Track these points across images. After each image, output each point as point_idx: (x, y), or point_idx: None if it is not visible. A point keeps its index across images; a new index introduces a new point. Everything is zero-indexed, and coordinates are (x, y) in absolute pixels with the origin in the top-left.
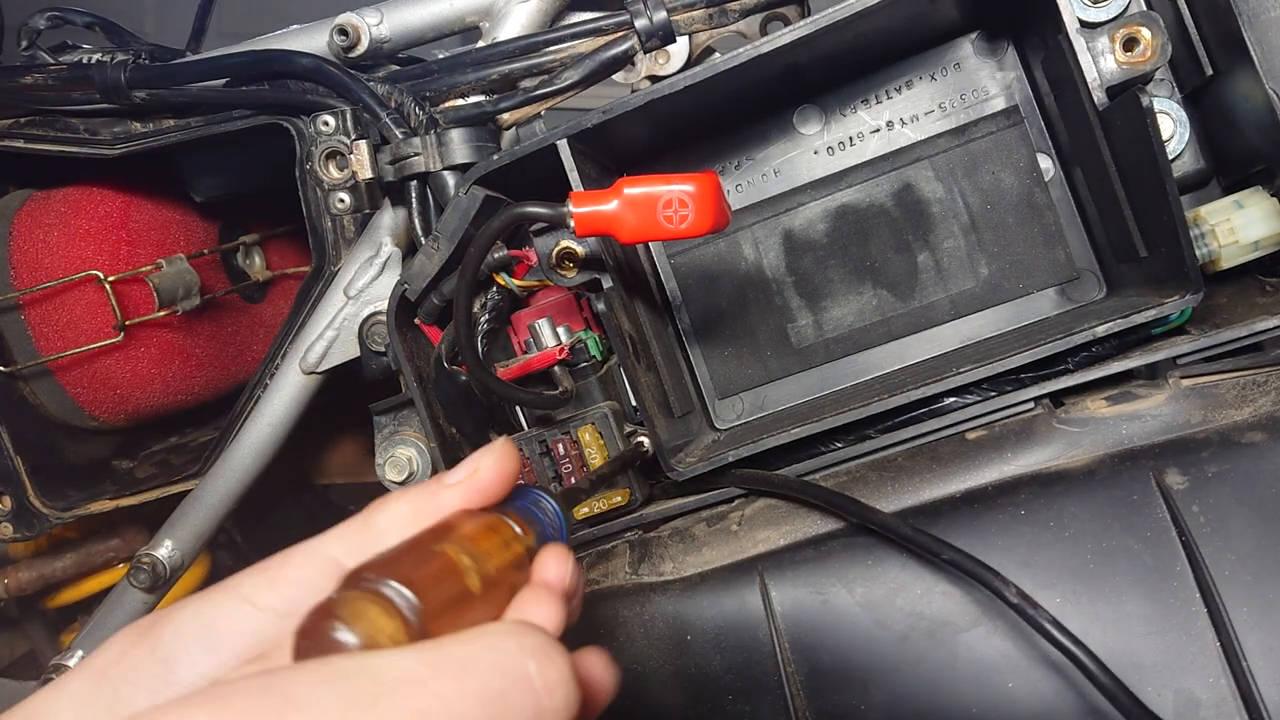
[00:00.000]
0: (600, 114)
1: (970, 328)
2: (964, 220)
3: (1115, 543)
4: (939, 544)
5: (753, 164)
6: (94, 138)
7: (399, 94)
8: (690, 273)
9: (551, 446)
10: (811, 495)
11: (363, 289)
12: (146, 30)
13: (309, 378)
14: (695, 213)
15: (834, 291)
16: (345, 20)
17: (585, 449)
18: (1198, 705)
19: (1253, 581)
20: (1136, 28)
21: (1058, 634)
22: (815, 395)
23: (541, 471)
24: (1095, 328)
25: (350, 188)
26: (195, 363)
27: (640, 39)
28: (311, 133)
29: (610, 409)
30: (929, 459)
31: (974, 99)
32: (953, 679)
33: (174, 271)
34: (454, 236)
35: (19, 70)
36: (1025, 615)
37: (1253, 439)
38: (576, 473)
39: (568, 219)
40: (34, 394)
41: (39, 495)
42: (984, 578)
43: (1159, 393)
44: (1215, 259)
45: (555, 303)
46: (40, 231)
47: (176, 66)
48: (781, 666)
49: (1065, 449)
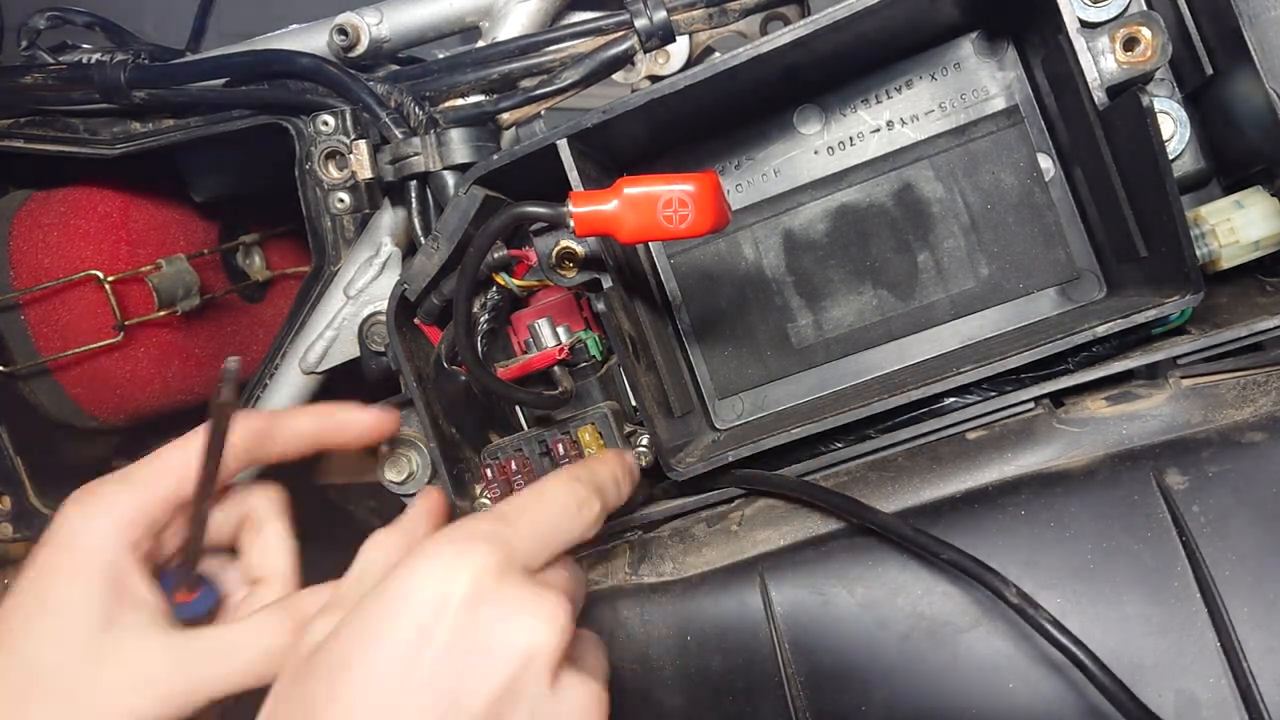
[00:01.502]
0: (600, 114)
1: (970, 328)
2: (964, 220)
3: (1116, 543)
4: (939, 544)
5: (753, 164)
6: (94, 138)
7: (399, 94)
8: (690, 273)
9: (551, 447)
10: (811, 496)
11: (362, 289)
12: (146, 30)
13: (309, 378)
14: (695, 213)
15: (834, 291)
16: (345, 20)
17: (585, 449)
18: (1198, 705)
19: (1253, 581)
20: (1137, 27)
21: (1058, 634)
22: (815, 395)
23: (541, 472)
24: (1095, 328)
25: (350, 188)
26: (195, 363)
27: (640, 39)
28: (311, 132)
29: (610, 409)
30: (929, 459)
31: (974, 99)
32: (953, 679)
33: (174, 271)
34: (454, 236)
35: (19, 70)
36: (1026, 615)
37: (1253, 439)
38: None
39: (567, 219)
40: (34, 394)
41: (39, 495)
42: (984, 578)
43: (1159, 393)
44: (1215, 259)
45: (555, 303)
46: (40, 231)
47: (176, 66)
48: (782, 667)
49: (1065, 449)
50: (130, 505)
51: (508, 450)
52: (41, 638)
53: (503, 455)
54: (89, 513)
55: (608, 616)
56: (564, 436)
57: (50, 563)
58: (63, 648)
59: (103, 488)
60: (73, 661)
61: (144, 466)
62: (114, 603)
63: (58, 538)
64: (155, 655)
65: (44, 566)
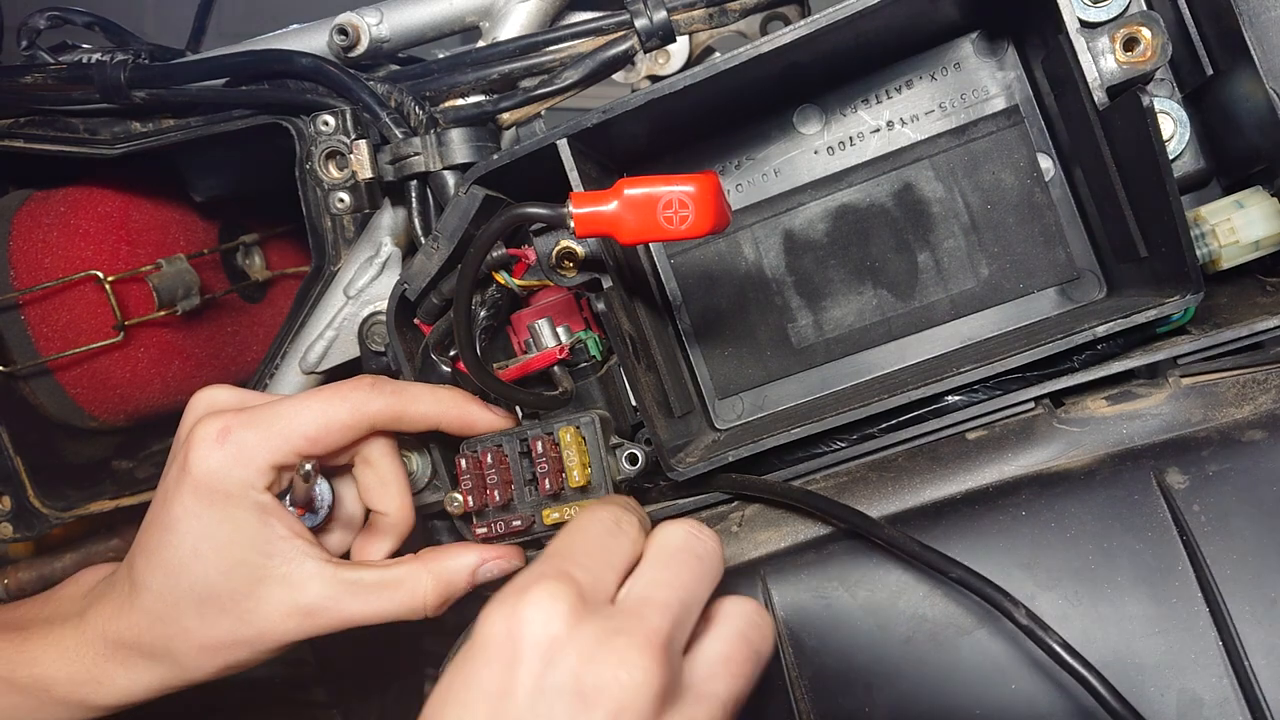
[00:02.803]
0: (600, 114)
1: (970, 328)
2: (964, 220)
3: (1116, 542)
4: (947, 561)
5: (753, 164)
6: (94, 138)
7: (399, 94)
8: (690, 273)
9: (531, 444)
10: (817, 507)
11: (362, 289)
12: (146, 30)
13: (309, 378)
14: (695, 213)
15: (834, 291)
16: (345, 20)
17: (564, 450)
18: (1200, 705)
19: (1254, 580)
20: (1137, 27)
21: (1069, 657)
22: (815, 395)
23: (519, 473)
24: (1095, 328)
25: (350, 187)
26: (195, 363)
27: (640, 39)
28: (311, 132)
29: (599, 416)
30: (929, 459)
31: (974, 99)
32: (956, 682)
33: (174, 271)
34: (454, 236)
35: (19, 70)
36: (1035, 638)
37: (1253, 437)
38: (553, 476)
39: (567, 220)
40: (34, 394)
41: (39, 495)
42: (993, 598)
43: (1159, 392)
44: (1215, 259)
45: (555, 303)
46: (40, 231)
47: (176, 66)
48: (785, 670)
49: (1066, 449)
50: (266, 455)
51: (487, 444)
52: (209, 561)
53: (481, 448)
54: (230, 457)
55: None
56: (546, 435)
57: (200, 501)
58: (232, 572)
59: (241, 434)
60: (242, 583)
61: (277, 418)
62: (270, 533)
63: (203, 478)
64: (313, 583)
65: (193, 504)
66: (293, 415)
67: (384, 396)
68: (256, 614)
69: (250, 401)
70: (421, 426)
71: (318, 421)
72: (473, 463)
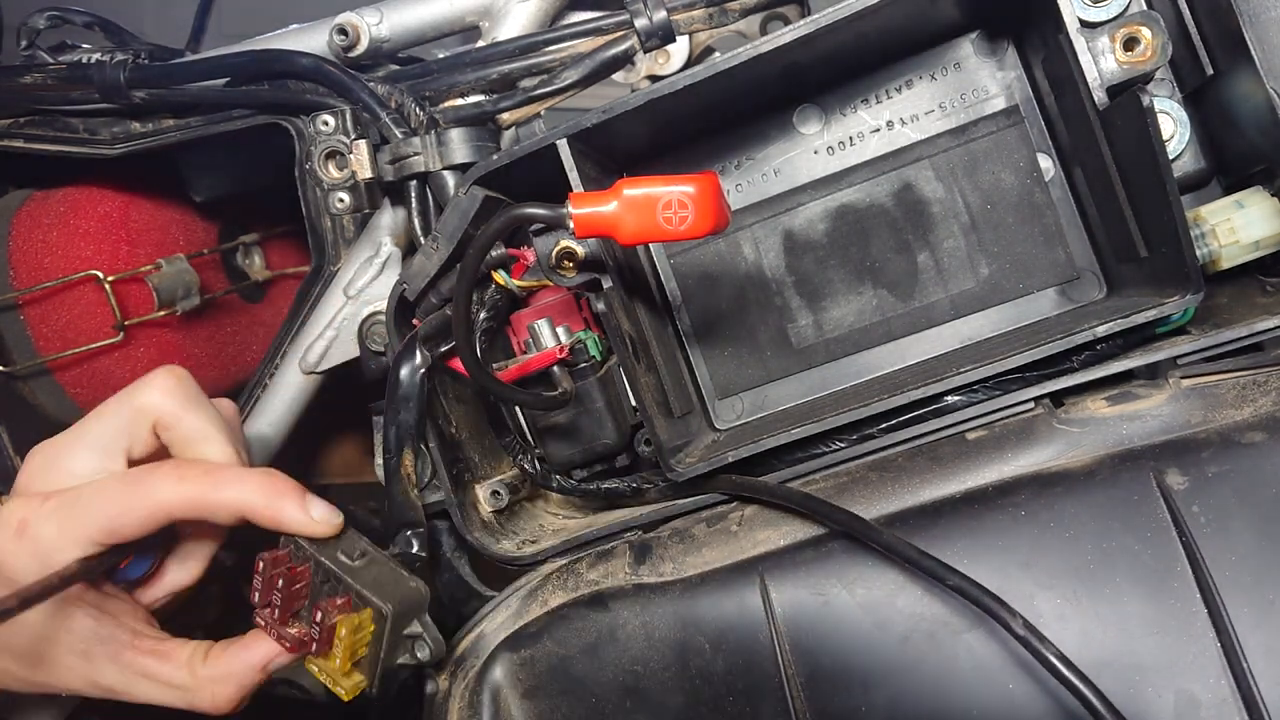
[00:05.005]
0: (600, 114)
1: (970, 328)
2: (964, 220)
3: (1115, 543)
4: (944, 569)
5: (753, 164)
6: (94, 138)
7: (399, 94)
8: (690, 273)
9: (313, 608)
10: (811, 509)
11: (362, 289)
12: (146, 30)
13: (308, 378)
14: (695, 214)
15: (834, 291)
16: (345, 20)
17: (337, 640)
18: (1198, 706)
19: (1253, 582)
20: (1137, 27)
21: (1065, 670)
22: (815, 395)
23: (315, 589)
24: (1095, 328)
25: (350, 187)
26: (195, 363)
27: (640, 39)
28: (311, 132)
29: (393, 612)
30: (929, 459)
31: (974, 99)
32: (953, 680)
33: (174, 271)
34: (453, 236)
35: (18, 70)
36: (1031, 649)
37: (1253, 439)
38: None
39: (567, 220)
40: (34, 394)
41: None
42: (990, 608)
43: (1159, 393)
44: (1215, 259)
45: (555, 303)
46: (40, 231)
47: (176, 66)
48: (782, 668)
49: (1065, 449)
50: (64, 550)
51: (290, 546)
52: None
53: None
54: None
55: (607, 617)
56: (329, 599)
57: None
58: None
59: (39, 529)
60: (44, 655)
61: (74, 507)
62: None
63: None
64: (108, 670)
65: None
66: (89, 505)
67: (186, 485)
68: (55, 682)
69: (52, 485)
70: (228, 516)
71: (113, 512)
72: (269, 562)
